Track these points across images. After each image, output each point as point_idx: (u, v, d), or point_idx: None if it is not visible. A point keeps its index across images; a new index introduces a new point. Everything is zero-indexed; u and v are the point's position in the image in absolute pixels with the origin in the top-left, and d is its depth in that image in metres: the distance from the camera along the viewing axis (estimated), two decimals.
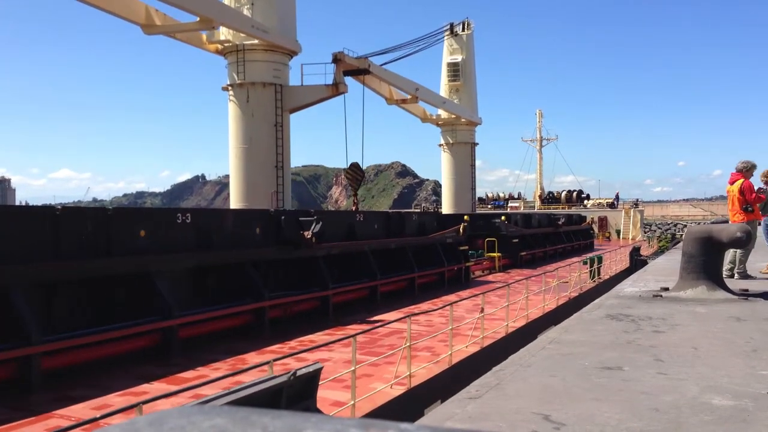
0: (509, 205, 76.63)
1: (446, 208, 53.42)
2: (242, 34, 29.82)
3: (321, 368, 7.70)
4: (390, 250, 21.41)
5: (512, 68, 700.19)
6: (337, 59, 32.07)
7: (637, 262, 35.77)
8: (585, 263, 26.38)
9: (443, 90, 52.70)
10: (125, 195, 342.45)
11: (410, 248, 22.26)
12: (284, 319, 15.39)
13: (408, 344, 10.34)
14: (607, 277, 27.95)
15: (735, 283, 14.71)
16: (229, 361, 11.59)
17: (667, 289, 14.33)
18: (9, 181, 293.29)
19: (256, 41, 30.06)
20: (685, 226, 63.93)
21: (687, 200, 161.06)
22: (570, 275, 22.16)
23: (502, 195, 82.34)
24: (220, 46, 31.35)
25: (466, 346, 12.75)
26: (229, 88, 31.66)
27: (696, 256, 13.71)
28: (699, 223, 29.59)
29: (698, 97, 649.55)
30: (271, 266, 16.24)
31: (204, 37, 30.88)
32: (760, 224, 16.81)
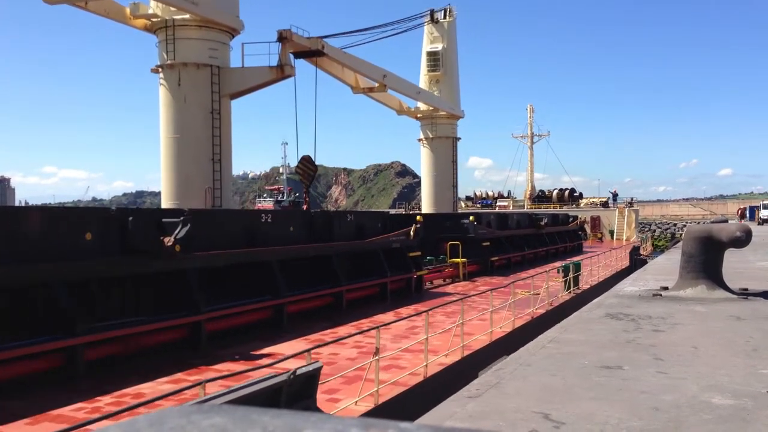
0: (498, 204, 72.75)
1: (426, 207, 49.78)
2: (173, 8, 26.26)
3: (321, 367, 7.70)
4: (309, 259, 17.30)
5: (520, 65, 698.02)
6: (283, 37, 28.23)
7: (636, 261, 35.92)
8: (560, 271, 22.54)
9: (423, 81, 48.98)
10: (125, 194, 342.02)
11: (340, 255, 18.35)
12: (126, 357, 11.55)
13: None
14: (587, 287, 23.55)
15: (734, 282, 14.74)
16: None
17: (666, 288, 14.35)
18: (9, 180, 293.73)
19: (187, 15, 26.53)
20: (684, 225, 63.62)
21: (687, 200, 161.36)
22: (533, 287, 18.25)
23: (491, 194, 78.30)
24: (147, 22, 27.44)
25: (356, 403, 9.15)
26: (159, 69, 27.73)
27: (696, 255, 13.73)
28: (698, 223, 29.60)
29: (704, 96, 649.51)
30: (116, 285, 12.33)
31: (127, 10, 27.15)
32: None
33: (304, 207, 28.84)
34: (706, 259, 13.61)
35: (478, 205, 72.62)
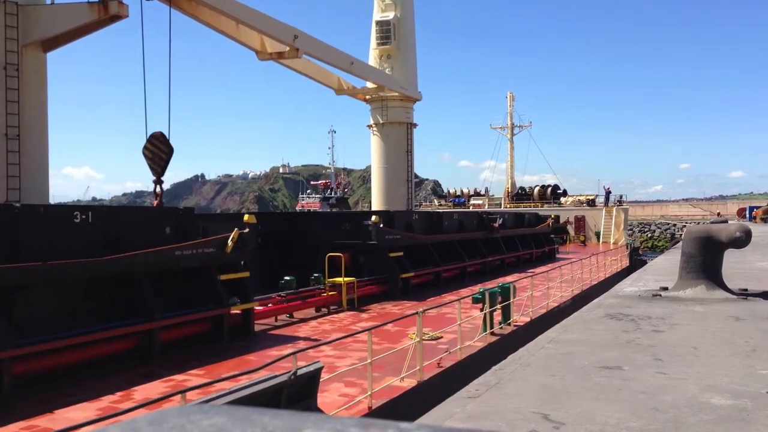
0: (471, 202, 65.81)
1: (376, 204, 43.14)
2: None
3: (321, 367, 7.70)
4: None
5: (522, 64, 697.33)
6: None
7: (636, 261, 35.94)
8: (476, 301, 14.46)
9: (372, 55, 42.05)
10: (125, 194, 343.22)
11: (42, 286, 10.90)
12: None
13: None
14: (525, 321, 15.85)
15: (734, 283, 14.75)
16: None
17: (666, 288, 14.35)
18: None
19: None
20: (684, 225, 62.93)
21: (686, 200, 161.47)
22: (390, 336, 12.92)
23: (465, 191, 70.49)
24: None
25: None
26: None
27: (695, 255, 13.73)
28: (698, 223, 29.56)
29: (706, 97, 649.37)
30: None
31: None
32: None
33: (155, 203, 20.88)
34: (706, 259, 13.62)
35: (450, 203, 66.50)
